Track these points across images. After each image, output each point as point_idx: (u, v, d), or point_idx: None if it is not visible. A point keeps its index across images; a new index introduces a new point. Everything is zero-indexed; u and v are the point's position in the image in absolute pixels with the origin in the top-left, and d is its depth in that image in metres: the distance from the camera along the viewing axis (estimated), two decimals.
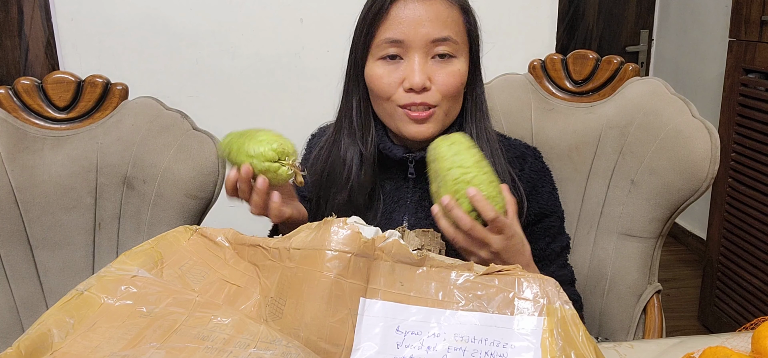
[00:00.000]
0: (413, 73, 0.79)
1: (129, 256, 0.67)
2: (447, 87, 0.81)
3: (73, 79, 1.06)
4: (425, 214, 0.88)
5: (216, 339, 0.60)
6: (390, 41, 0.80)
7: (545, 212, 0.91)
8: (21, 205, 1.02)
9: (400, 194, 0.90)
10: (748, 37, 1.91)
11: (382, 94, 0.82)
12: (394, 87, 0.81)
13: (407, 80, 0.80)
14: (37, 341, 0.57)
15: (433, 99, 0.81)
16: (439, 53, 0.80)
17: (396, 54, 0.81)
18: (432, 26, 0.79)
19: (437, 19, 0.79)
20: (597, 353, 0.58)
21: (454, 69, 0.81)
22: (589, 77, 1.22)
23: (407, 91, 0.80)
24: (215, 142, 1.06)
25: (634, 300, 1.14)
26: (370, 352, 0.61)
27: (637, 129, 1.13)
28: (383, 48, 0.81)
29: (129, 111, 1.07)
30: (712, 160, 1.02)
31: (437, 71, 0.81)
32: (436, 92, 0.81)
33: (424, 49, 0.80)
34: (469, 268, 0.65)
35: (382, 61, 0.82)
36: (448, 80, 0.81)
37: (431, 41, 0.79)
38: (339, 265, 0.63)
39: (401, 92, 0.81)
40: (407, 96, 0.80)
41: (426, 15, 0.79)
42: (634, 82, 1.18)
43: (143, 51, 1.96)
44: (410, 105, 0.81)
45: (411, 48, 0.80)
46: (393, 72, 0.81)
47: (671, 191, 1.07)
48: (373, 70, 0.82)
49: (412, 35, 0.79)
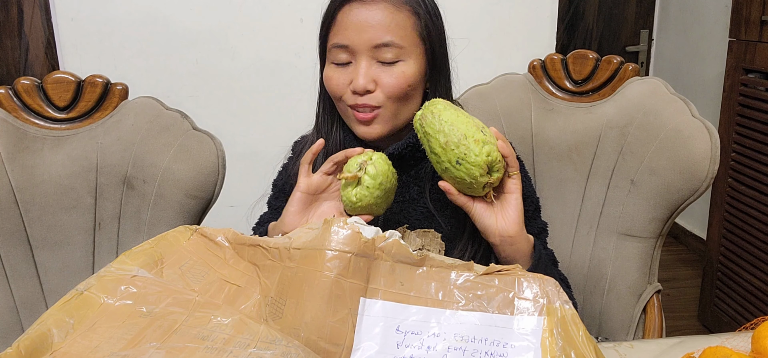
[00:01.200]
0: (357, 77, 0.82)
1: (129, 256, 0.67)
2: (391, 89, 0.83)
3: (73, 79, 1.06)
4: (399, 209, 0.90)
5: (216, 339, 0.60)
6: (338, 46, 0.84)
7: None
8: (21, 205, 1.02)
9: None
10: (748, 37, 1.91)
11: (334, 95, 0.86)
12: (343, 88, 0.85)
13: (353, 83, 0.83)
14: (37, 341, 0.57)
15: (376, 100, 0.84)
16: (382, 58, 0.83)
17: (346, 59, 0.84)
18: (374, 31, 0.82)
19: (380, 24, 0.82)
20: (597, 352, 0.58)
21: (399, 71, 0.83)
22: (589, 77, 1.22)
23: (353, 93, 0.84)
24: (215, 142, 1.06)
25: (634, 300, 1.14)
26: (370, 352, 0.61)
27: (637, 129, 1.13)
28: (334, 53, 0.85)
29: (129, 111, 1.07)
30: (712, 160, 1.02)
31: (382, 74, 0.83)
32: (380, 94, 0.84)
33: (369, 53, 0.83)
34: (469, 268, 0.65)
35: (334, 65, 0.85)
36: (392, 82, 0.83)
37: (373, 46, 0.82)
38: (339, 265, 0.63)
39: (349, 93, 0.84)
40: (353, 97, 0.84)
41: (369, 20, 0.82)
42: (634, 82, 1.18)
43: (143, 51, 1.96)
44: (356, 106, 0.84)
45: (357, 52, 0.83)
46: (342, 74, 0.85)
47: (671, 190, 1.07)
48: (327, 72, 0.86)
49: (356, 40, 0.82)
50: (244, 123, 2.08)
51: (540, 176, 1.24)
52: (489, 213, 0.78)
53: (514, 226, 0.77)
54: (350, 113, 0.86)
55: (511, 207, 0.78)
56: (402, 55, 0.83)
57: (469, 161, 0.72)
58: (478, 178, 0.73)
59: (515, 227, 0.78)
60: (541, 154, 1.23)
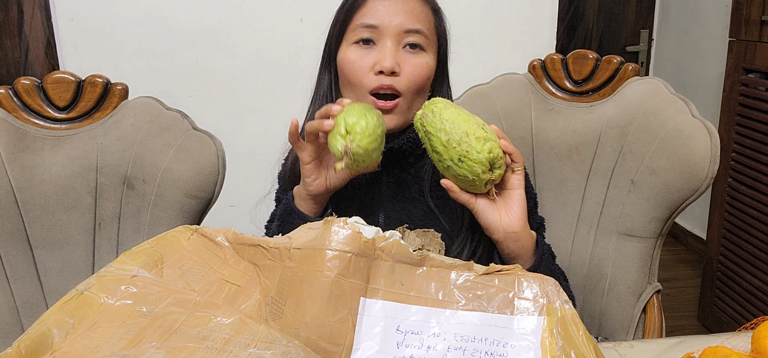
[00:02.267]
0: (385, 57, 0.83)
1: (129, 256, 0.67)
2: (414, 76, 0.84)
3: (73, 79, 1.06)
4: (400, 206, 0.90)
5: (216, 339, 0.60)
6: (365, 26, 0.84)
7: None
8: (21, 205, 1.02)
9: (375, 187, 0.91)
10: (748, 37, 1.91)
11: (353, 77, 0.85)
12: (365, 71, 0.84)
13: (378, 64, 0.83)
14: (37, 341, 0.57)
15: (400, 85, 0.84)
16: (410, 43, 0.84)
17: (370, 38, 0.84)
18: (405, 17, 0.84)
19: (412, 12, 0.84)
20: (597, 352, 0.58)
21: (423, 61, 0.85)
22: (589, 77, 1.22)
23: (377, 74, 0.83)
24: (215, 142, 1.06)
25: (633, 300, 1.14)
26: (370, 351, 0.61)
27: (637, 129, 1.13)
28: (358, 32, 0.85)
29: (129, 111, 1.07)
30: (712, 160, 1.02)
31: (407, 60, 0.84)
32: (404, 79, 0.84)
33: (397, 38, 0.84)
34: (469, 268, 0.65)
35: (355, 46, 0.85)
36: (416, 70, 0.84)
37: (404, 31, 0.84)
38: (339, 264, 0.63)
39: (371, 76, 0.84)
40: (377, 79, 0.84)
41: (401, 7, 0.84)
42: (634, 82, 1.18)
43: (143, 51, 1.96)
44: (379, 88, 0.84)
45: (384, 34, 0.84)
46: (365, 56, 0.85)
47: (671, 190, 1.07)
48: (347, 54, 0.86)
49: (387, 21, 0.83)
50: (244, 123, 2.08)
51: (540, 176, 1.24)
52: (492, 210, 0.78)
53: (518, 222, 0.77)
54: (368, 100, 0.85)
55: (514, 203, 0.78)
56: (425, 46, 0.85)
57: (471, 158, 0.72)
58: (481, 175, 0.73)
59: (519, 223, 0.77)
60: (541, 154, 1.23)
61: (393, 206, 0.89)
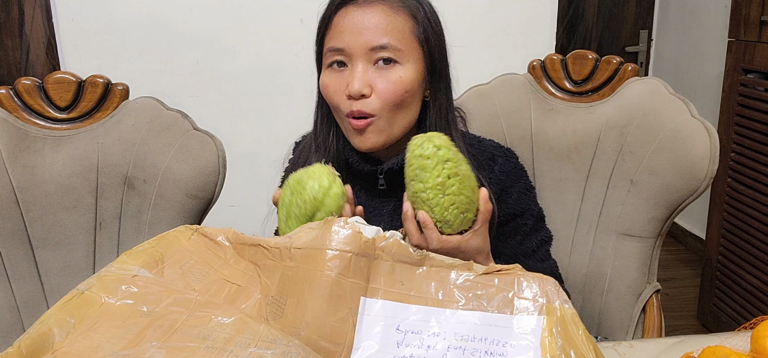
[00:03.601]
0: (353, 80, 0.80)
1: (130, 255, 0.67)
2: (387, 94, 0.80)
3: (73, 79, 1.06)
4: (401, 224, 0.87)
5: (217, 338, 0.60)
6: (333, 50, 0.81)
7: (515, 212, 0.91)
8: (22, 204, 1.02)
9: (374, 204, 0.90)
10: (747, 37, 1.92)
11: (331, 103, 0.84)
12: (339, 95, 0.82)
13: (348, 86, 0.80)
14: (38, 341, 0.57)
15: (370, 107, 0.80)
16: (381, 58, 0.80)
17: (341, 61, 0.81)
18: (371, 34, 0.79)
19: (377, 27, 0.79)
20: (596, 352, 0.59)
21: (395, 76, 0.80)
22: (589, 77, 1.22)
23: (349, 98, 0.81)
24: (216, 142, 1.06)
25: (633, 300, 1.14)
26: (370, 351, 0.61)
27: (637, 129, 1.13)
28: (329, 56, 0.82)
29: (130, 111, 1.07)
30: (711, 160, 1.03)
31: (378, 78, 0.80)
32: (376, 99, 0.80)
33: (365, 57, 0.80)
34: (468, 268, 0.65)
35: (330, 70, 0.83)
36: (388, 88, 0.80)
37: (370, 49, 0.80)
38: (340, 264, 0.63)
39: (345, 100, 0.81)
40: (349, 103, 0.81)
41: (365, 22, 0.80)
42: (634, 83, 1.18)
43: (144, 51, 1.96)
44: (351, 113, 0.81)
45: (353, 56, 0.80)
46: (338, 80, 0.82)
47: (670, 190, 1.07)
48: (323, 79, 0.84)
49: (352, 43, 0.80)
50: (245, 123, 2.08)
51: (540, 176, 1.24)
52: None
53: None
54: (347, 123, 0.83)
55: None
56: (399, 58, 0.80)
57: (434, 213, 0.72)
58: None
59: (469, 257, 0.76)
60: (541, 154, 1.23)
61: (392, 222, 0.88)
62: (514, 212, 0.91)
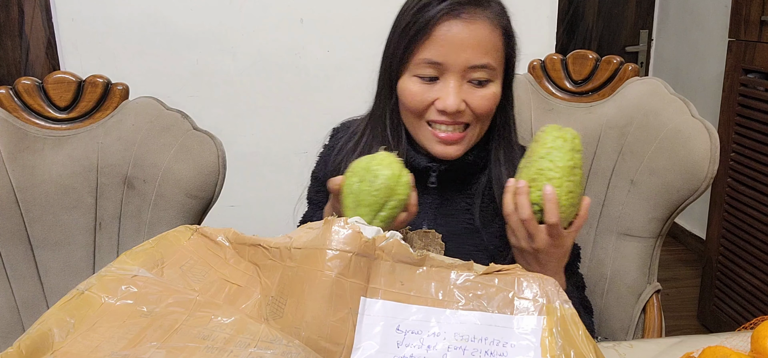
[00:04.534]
0: (448, 96, 0.78)
1: (129, 255, 0.67)
2: (479, 110, 0.80)
3: (73, 79, 1.06)
4: (444, 221, 0.88)
5: (216, 339, 0.60)
6: (429, 62, 0.78)
7: None
8: (22, 205, 1.02)
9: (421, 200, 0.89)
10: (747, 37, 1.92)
11: (414, 111, 0.82)
12: (426, 105, 0.80)
13: (440, 101, 0.79)
14: (38, 341, 0.57)
15: (465, 119, 0.81)
16: (476, 76, 0.79)
17: (433, 74, 0.79)
18: (473, 52, 0.77)
19: (479, 45, 0.78)
20: (596, 352, 0.58)
21: (489, 93, 0.80)
22: (589, 77, 1.22)
23: (440, 112, 0.80)
24: (216, 142, 1.06)
25: (633, 300, 1.14)
26: (370, 351, 0.61)
27: (637, 129, 1.13)
28: (421, 67, 0.79)
29: (129, 111, 1.07)
30: (711, 160, 1.03)
31: (471, 95, 0.79)
32: (468, 115, 0.80)
33: (461, 73, 0.78)
34: (468, 268, 0.65)
35: (417, 79, 0.80)
36: (482, 104, 0.80)
37: (469, 67, 0.78)
38: (340, 264, 0.63)
39: (433, 111, 0.80)
40: (438, 115, 0.80)
41: (469, 39, 0.77)
42: (634, 82, 1.18)
43: (144, 51, 1.96)
44: (440, 123, 0.80)
45: (448, 71, 0.78)
46: (427, 91, 0.80)
47: (671, 190, 1.07)
48: (408, 85, 0.81)
49: (451, 59, 0.77)
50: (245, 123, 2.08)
51: None
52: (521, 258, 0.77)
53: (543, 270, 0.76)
54: (429, 132, 0.82)
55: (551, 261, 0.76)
56: (492, 76, 0.80)
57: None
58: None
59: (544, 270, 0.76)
60: None
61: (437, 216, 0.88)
62: None
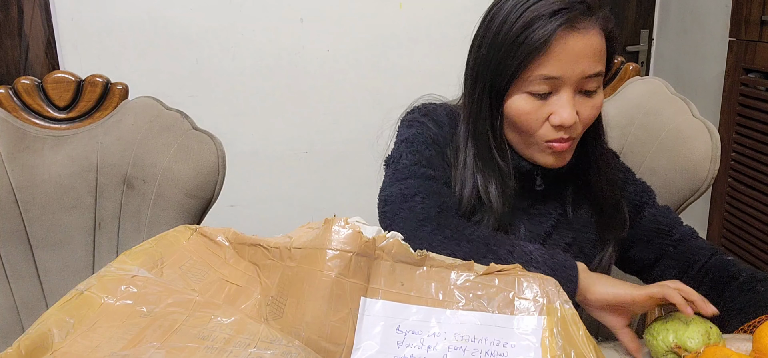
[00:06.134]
0: (563, 110, 0.76)
1: (129, 255, 0.67)
2: (589, 119, 0.80)
3: (73, 78, 1.06)
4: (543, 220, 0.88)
5: (216, 339, 0.60)
6: (544, 78, 0.76)
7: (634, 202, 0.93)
8: (21, 204, 1.02)
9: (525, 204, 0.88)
10: (748, 36, 1.91)
11: (526, 128, 0.80)
12: (540, 123, 0.79)
13: (556, 116, 0.77)
14: (38, 341, 0.57)
15: (576, 132, 0.80)
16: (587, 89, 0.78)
17: (547, 91, 0.77)
18: (588, 62, 0.76)
19: (594, 55, 0.76)
20: (597, 352, 0.58)
21: (597, 102, 0.80)
22: None
23: (556, 126, 0.78)
24: (215, 142, 1.06)
25: None
26: (370, 351, 0.61)
27: (638, 129, 1.13)
28: (536, 84, 0.77)
29: (129, 111, 1.07)
30: (712, 160, 1.02)
31: (582, 105, 0.78)
32: (580, 125, 0.79)
33: (575, 85, 0.77)
34: (468, 268, 0.65)
35: (530, 96, 0.78)
36: (591, 113, 0.79)
37: (585, 78, 0.77)
38: (340, 264, 0.63)
39: (547, 128, 0.79)
40: (554, 132, 0.78)
41: (584, 49, 0.75)
42: (635, 82, 1.18)
43: (143, 51, 1.96)
44: (556, 141, 0.79)
45: (563, 84, 0.76)
46: (541, 107, 0.78)
47: (671, 190, 1.07)
48: (519, 104, 0.79)
49: (569, 71, 0.75)
50: (244, 123, 2.08)
51: None
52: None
53: None
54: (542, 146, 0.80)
55: None
56: (600, 83, 0.79)
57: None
58: None
59: None
60: None
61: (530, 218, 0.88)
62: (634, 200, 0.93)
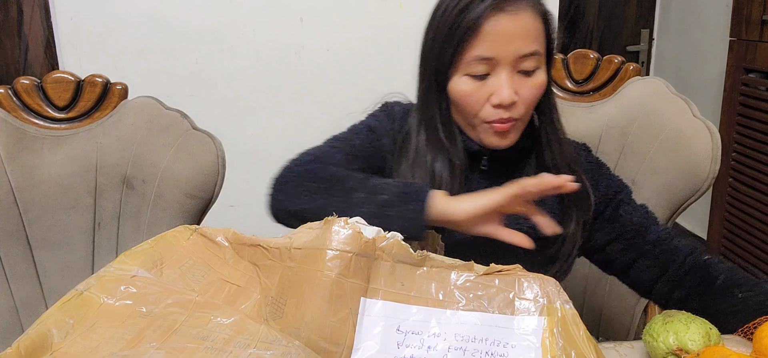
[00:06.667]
0: (502, 89, 0.79)
1: (129, 256, 0.67)
2: (531, 99, 0.82)
3: (72, 78, 1.06)
4: None
5: (216, 339, 0.60)
6: (480, 59, 0.79)
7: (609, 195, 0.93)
8: (20, 205, 1.02)
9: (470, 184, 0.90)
10: (748, 36, 1.91)
11: (467, 109, 0.83)
12: (481, 103, 0.81)
13: (496, 96, 0.80)
14: (37, 341, 0.57)
15: (517, 112, 0.82)
16: (525, 68, 0.80)
17: (485, 71, 0.80)
18: (521, 41, 0.79)
19: (526, 35, 0.79)
20: (597, 352, 0.58)
21: (537, 82, 0.82)
22: (590, 77, 1.22)
23: (495, 106, 0.81)
24: (215, 142, 1.06)
25: (634, 300, 1.14)
26: (370, 351, 0.61)
27: (638, 129, 1.12)
28: (473, 65, 0.80)
29: (129, 111, 1.07)
30: (712, 159, 1.02)
31: (522, 85, 0.81)
32: (521, 106, 0.82)
33: (512, 65, 0.80)
34: (469, 268, 0.65)
35: (469, 78, 0.81)
36: (533, 92, 0.82)
37: (519, 57, 0.79)
38: (340, 264, 0.63)
39: (488, 108, 0.81)
40: (495, 112, 0.81)
41: (516, 30, 0.79)
42: (635, 82, 1.18)
43: (143, 51, 1.95)
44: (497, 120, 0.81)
45: (499, 64, 0.80)
46: (480, 88, 0.81)
47: (672, 190, 1.07)
48: (460, 86, 0.82)
49: (502, 52, 0.79)
50: (244, 123, 2.08)
51: None
52: None
53: None
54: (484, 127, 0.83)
55: None
56: (539, 63, 0.82)
57: None
58: None
59: None
60: None
61: None
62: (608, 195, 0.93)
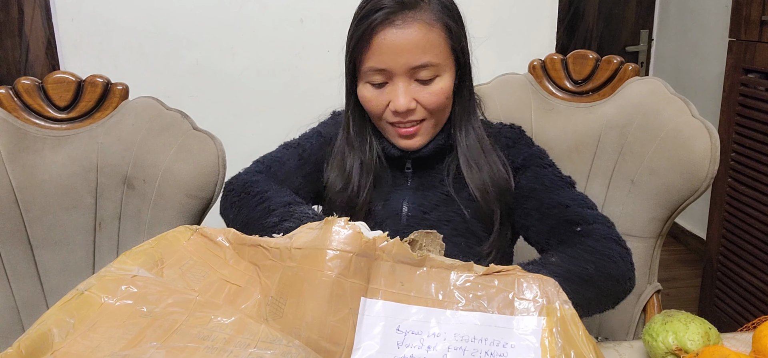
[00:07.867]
0: (397, 98, 0.83)
1: (129, 256, 0.67)
2: (431, 105, 0.85)
3: (73, 79, 1.06)
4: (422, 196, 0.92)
5: (216, 339, 0.60)
6: (374, 70, 0.84)
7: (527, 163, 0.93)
8: (21, 205, 1.02)
9: (399, 182, 0.95)
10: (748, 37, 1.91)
11: (375, 114, 0.88)
12: (382, 108, 0.86)
13: (392, 103, 0.84)
14: (38, 341, 0.57)
15: (418, 116, 0.86)
16: (421, 76, 0.83)
17: (382, 80, 0.84)
18: (411, 55, 0.81)
19: (416, 47, 0.81)
20: (597, 352, 0.58)
21: (437, 88, 0.84)
22: (589, 77, 1.22)
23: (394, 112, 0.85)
24: (215, 142, 1.06)
25: (633, 300, 1.14)
26: (370, 351, 0.61)
27: (637, 129, 1.13)
28: (370, 75, 0.85)
29: (129, 111, 1.07)
30: (711, 160, 1.02)
31: (420, 92, 0.84)
32: (421, 110, 0.85)
33: (407, 75, 0.83)
34: (468, 268, 0.65)
35: (370, 85, 0.86)
36: (432, 99, 0.85)
37: (412, 68, 0.82)
38: (340, 264, 0.63)
39: (389, 113, 0.86)
40: (394, 116, 0.85)
41: (405, 43, 0.81)
42: (634, 82, 1.18)
43: (144, 51, 1.96)
44: (397, 123, 0.86)
45: (394, 74, 0.83)
46: (380, 95, 0.85)
47: (671, 190, 1.07)
48: (363, 92, 0.87)
49: (393, 64, 0.82)
50: (244, 123, 2.08)
51: None
52: None
53: None
54: (390, 129, 0.88)
55: None
56: (438, 71, 0.84)
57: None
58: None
59: None
60: None
61: (415, 195, 0.92)
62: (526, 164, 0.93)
